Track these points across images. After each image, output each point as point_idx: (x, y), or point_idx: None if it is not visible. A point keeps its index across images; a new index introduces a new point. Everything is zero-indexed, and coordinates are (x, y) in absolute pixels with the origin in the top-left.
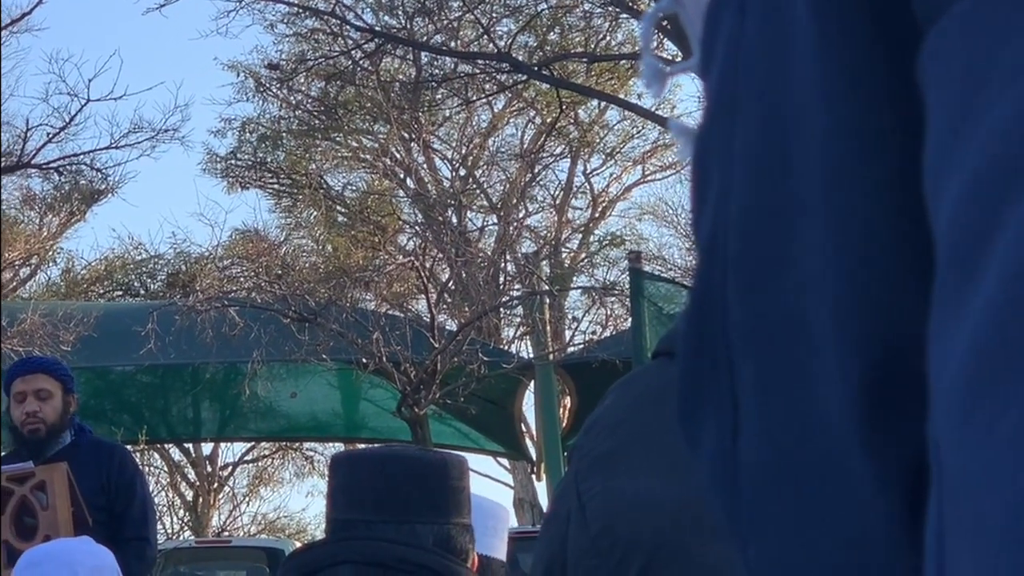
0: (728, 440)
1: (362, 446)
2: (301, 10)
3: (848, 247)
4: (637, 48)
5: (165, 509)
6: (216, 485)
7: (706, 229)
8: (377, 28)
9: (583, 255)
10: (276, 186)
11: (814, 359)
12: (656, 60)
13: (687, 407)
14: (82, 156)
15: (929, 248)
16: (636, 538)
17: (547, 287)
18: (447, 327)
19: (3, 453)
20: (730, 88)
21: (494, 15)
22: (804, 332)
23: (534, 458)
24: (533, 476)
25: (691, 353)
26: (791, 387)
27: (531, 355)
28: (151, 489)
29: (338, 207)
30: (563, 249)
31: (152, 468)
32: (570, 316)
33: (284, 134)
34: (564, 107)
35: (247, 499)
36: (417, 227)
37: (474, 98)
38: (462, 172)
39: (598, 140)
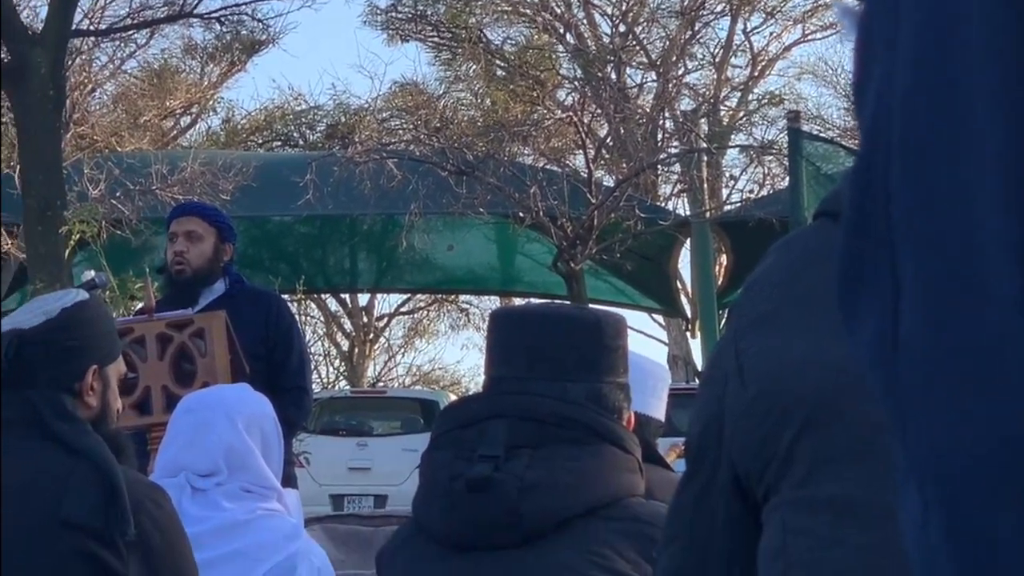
0: (889, 322)
1: (518, 301)
2: None
3: (1022, 125)
4: None
5: (321, 359)
6: (372, 336)
7: (869, 109)
8: None
9: (741, 113)
10: (436, 39)
11: (984, 240)
12: None
13: (847, 288)
14: (243, 6)
15: None
16: (794, 399)
17: (705, 145)
18: (604, 183)
19: (159, 298)
20: None
21: None
22: (974, 213)
23: (689, 315)
24: (687, 333)
25: (852, 234)
26: (959, 269)
27: (688, 212)
28: (307, 339)
29: (497, 61)
30: (721, 107)
31: (309, 318)
32: (727, 174)
33: None
34: None
35: (402, 350)
36: (576, 82)
37: None
38: (622, 28)
39: None
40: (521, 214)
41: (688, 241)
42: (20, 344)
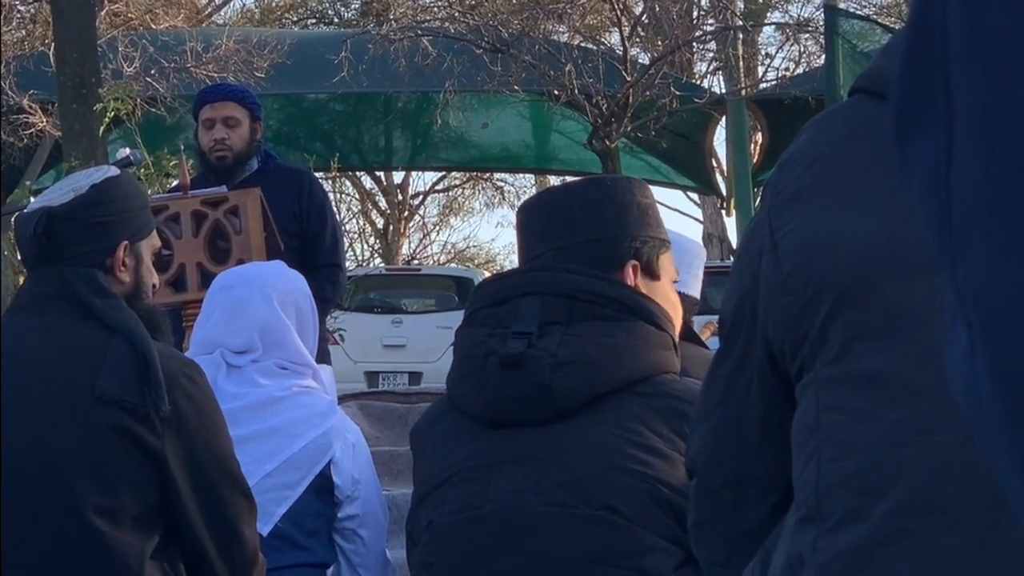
0: (943, 162)
1: (553, 179)
2: None
3: None
4: None
5: (356, 236)
6: (407, 213)
7: None
8: None
9: None
10: None
11: None
12: None
13: (901, 130)
14: None
15: None
16: (829, 276)
17: (741, 22)
18: (639, 60)
19: (192, 177)
20: None
21: None
22: None
23: (724, 193)
24: (723, 211)
25: (907, 75)
26: (1014, 106)
27: (723, 90)
28: (342, 216)
29: None
30: None
31: (343, 195)
32: (763, 52)
33: None
34: None
35: (437, 228)
36: None
37: None
38: None
39: None
40: (556, 92)
41: (723, 119)
42: (49, 220)
